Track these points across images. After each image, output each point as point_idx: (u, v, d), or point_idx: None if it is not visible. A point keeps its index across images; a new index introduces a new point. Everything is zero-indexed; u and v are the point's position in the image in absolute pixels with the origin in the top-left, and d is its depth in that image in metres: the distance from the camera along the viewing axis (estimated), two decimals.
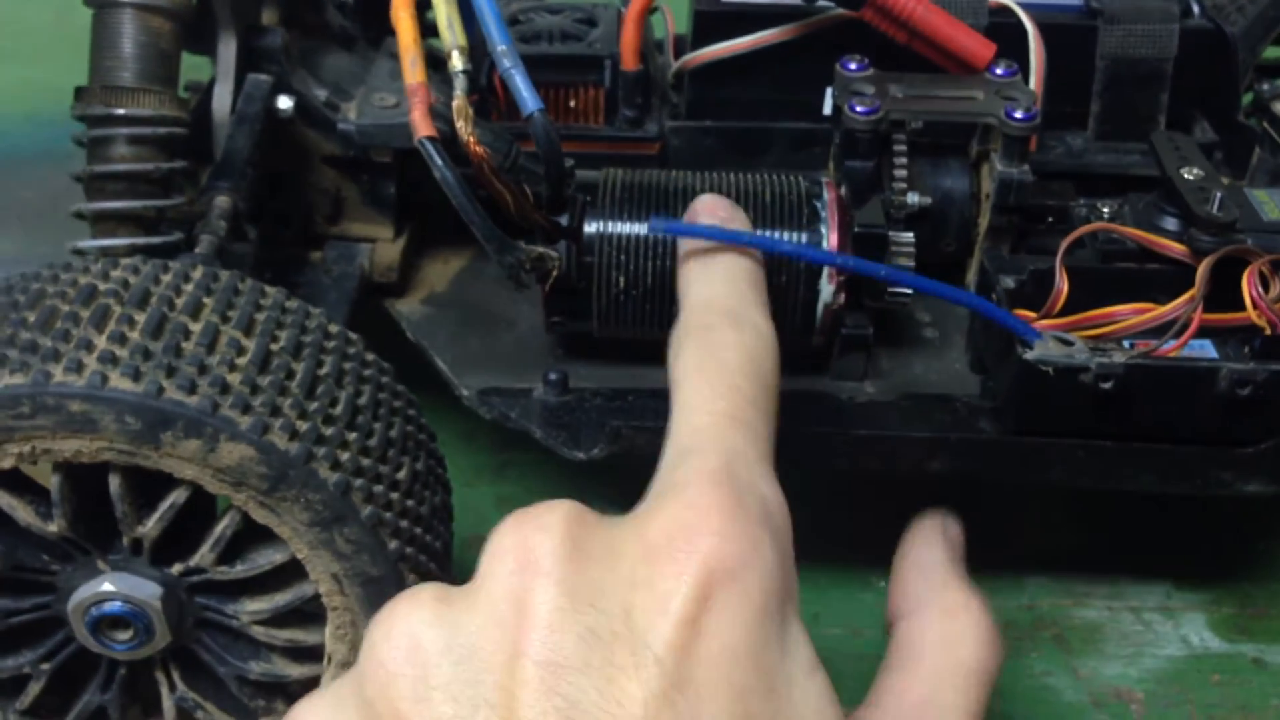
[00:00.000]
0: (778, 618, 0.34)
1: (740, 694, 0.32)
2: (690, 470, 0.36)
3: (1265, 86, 0.67)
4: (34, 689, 0.48)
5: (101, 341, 0.42)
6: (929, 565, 0.44)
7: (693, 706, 0.32)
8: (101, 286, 0.44)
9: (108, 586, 0.45)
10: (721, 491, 0.35)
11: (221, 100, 0.56)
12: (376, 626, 0.34)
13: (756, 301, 0.45)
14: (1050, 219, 0.58)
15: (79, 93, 0.52)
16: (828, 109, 0.62)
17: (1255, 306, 0.50)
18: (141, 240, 0.52)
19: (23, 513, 0.44)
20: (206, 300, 0.45)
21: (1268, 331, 0.50)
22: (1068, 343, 0.50)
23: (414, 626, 0.33)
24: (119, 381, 0.41)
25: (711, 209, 0.48)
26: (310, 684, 0.48)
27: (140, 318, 0.43)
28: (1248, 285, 0.50)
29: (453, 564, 0.50)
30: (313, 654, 0.47)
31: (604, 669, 0.32)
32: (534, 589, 0.33)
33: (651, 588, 0.33)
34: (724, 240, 0.47)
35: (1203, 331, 0.50)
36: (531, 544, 0.34)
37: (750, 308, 0.44)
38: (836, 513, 0.62)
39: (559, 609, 0.32)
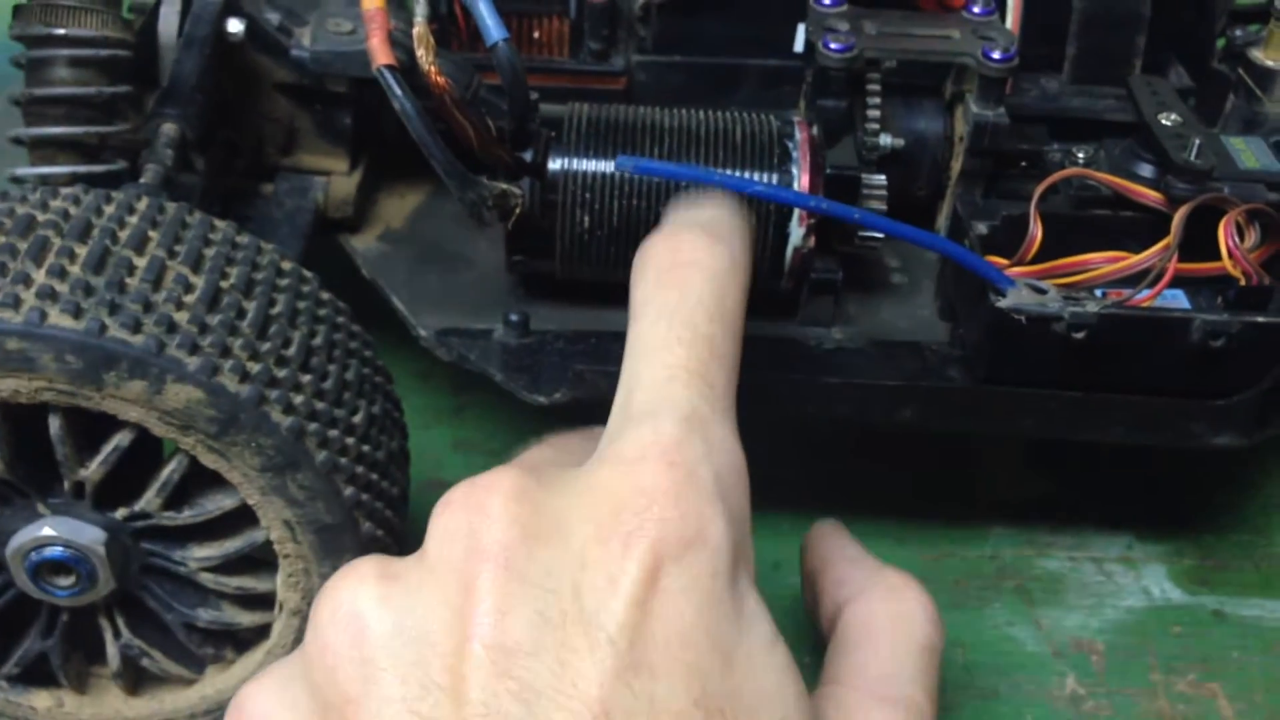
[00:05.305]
0: (731, 595, 0.34)
1: (695, 674, 0.32)
2: (643, 440, 0.36)
3: (1239, 33, 0.66)
4: None
5: (40, 276, 0.40)
6: (856, 556, 0.47)
7: (648, 688, 0.32)
8: (40, 217, 0.42)
9: (48, 531, 0.43)
10: (674, 472, 0.35)
11: (168, 22, 0.54)
12: (321, 606, 0.34)
13: (740, 235, 0.43)
14: (1023, 163, 0.57)
15: (17, 11, 0.50)
16: (799, 46, 0.60)
17: (1231, 256, 0.49)
18: (83, 169, 0.50)
19: None
20: (152, 233, 0.42)
21: (1243, 282, 0.49)
22: (1041, 291, 0.49)
23: (360, 606, 0.33)
24: (58, 318, 0.39)
25: None
26: (261, 631, 0.47)
27: (81, 251, 0.41)
28: (1224, 235, 0.49)
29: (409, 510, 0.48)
30: (264, 601, 0.46)
31: (557, 651, 0.32)
32: (481, 573, 0.33)
33: (601, 569, 0.33)
34: (693, 179, 0.46)
35: (1175, 281, 0.50)
36: (479, 529, 0.34)
37: (732, 234, 0.43)
38: (797, 459, 0.61)
39: (508, 593, 0.32)
